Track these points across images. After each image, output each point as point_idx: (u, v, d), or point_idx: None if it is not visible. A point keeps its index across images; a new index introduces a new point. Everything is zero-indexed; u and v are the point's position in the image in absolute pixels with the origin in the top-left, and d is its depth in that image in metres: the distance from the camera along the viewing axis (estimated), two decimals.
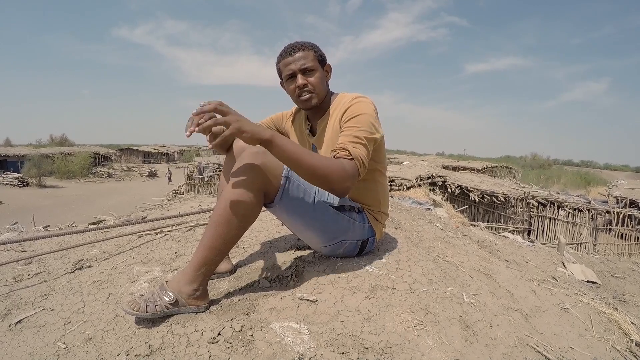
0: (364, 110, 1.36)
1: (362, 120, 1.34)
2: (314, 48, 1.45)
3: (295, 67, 1.41)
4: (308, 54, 1.42)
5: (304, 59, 1.41)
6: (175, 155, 48.29)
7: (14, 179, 23.43)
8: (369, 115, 1.36)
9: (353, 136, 1.30)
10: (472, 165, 20.13)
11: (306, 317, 1.19)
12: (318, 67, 1.44)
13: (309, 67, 1.41)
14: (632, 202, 10.05)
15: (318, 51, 1.46)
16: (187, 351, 1.05)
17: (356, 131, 1.31)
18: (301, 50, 1.42)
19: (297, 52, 1.42)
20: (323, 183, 1.21)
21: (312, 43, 1.46)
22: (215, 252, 1.23)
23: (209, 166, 14.69)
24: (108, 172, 30.82)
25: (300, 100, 1.46)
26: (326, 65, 1.51)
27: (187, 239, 2.00)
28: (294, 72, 1.42)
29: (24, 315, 1.33)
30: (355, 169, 1.25)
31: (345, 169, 1.21)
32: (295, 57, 1.41)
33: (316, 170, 1.17)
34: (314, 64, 1.43)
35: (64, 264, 1.78)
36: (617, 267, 3.66)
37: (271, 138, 1.11)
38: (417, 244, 1.87)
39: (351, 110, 1.37)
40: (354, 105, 1.37)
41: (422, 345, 1.08)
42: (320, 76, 1.44)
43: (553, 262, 2.72)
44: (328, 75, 1.52)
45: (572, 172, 33.59)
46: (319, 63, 1.45)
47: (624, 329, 1.52)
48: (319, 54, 1.46)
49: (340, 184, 1.21)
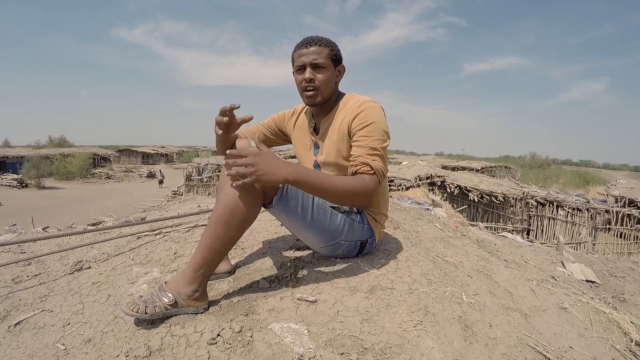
0: (376, 117, 1.37)
1: (375, 128, 1.36)
2: (330, 46, 1.44)
3: (306, 60, 1.41)
4: (322, 50, 1.41)
5: (317, 54, 1.41)
6: (174, 156, 48.25)
7: (12, 180, 23.38)
8: (381, 123, 1.38)
9: (370, 148, 1.34)
10: (471, 165, 20.15)
11: (305, 317, 1.19)
12: (329, 66, 1.43)
13: (319, 64, 1.41)
14: (631, 201, 10.06)
15: (334, 50, 1.45)
16: (186, 352, 1.05)
17: (371, 141, 1.34)
18: (317, 45, 1.41)
19: (312, 46, 1.41)
20: (349, 203, 1.34)
21: (331, 41, 1.45)
22: (215, 253, 1.23)
23: (208, 167, 14.68)
24: (107, 173, 30.78)
25: (304, 94, 1.45)
26: (339, 66, 1.49)
27: (186, 240, 2.00)
28: (304, 65, 1.42)
29: (23, 316, 1.33)
30: (377, 182, 1.33)
31: (367, 186, 1.30)
32: (309, 50, 1.41)
33: (342, 194, 1.25)
34: (326, 61, 1.42)
35: (63, 265, 1.78)
36: (616, 266, 3.67)
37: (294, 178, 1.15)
38: (416, 244, 1.87)
39: (362, 117, 1.37)
40: (365, 112, 1.38)
41: (422, 346, 1.08)
42: (330, 75, 1.44)
43: (552, 261, 2.72)
44: (339, 76, 1.51)
45: (571, 172, 33.63)
46: (331, 62, 1.44)
47: (623, 329, 1.52)
48: (333, 53, 1.44)
49: (364, 200, 1.32)
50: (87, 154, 31.62)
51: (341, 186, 1.24)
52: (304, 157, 1.61)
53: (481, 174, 16.63)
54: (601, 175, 32.54)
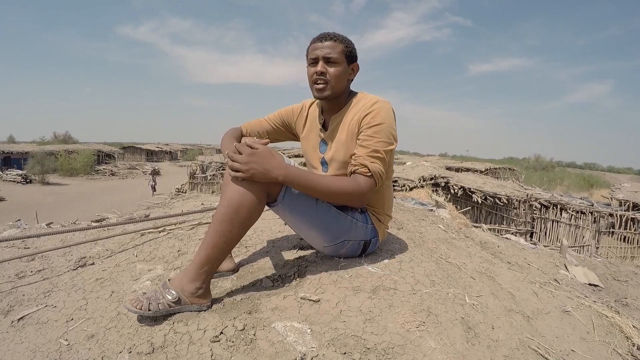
0: (385, 119, 1.38)
1: (382, 130, 1.37)
2: (345, 42, 1.44)
3: (319, 54, 1.42)
4: (337, 46, 1.42)
5: (331, 49, 1.41)
6: (179, 154, 48.35)
7: (17, 176, 23.51)
8: (389, 125, 1.38)
9: (372, 150, 1.35)
10: (475, 167, 20.09)
11: (308, 316, 1.19)
12: (342, 62, 1.43)
13: (332, 58, 1.41)
14: (635, 205, 10.00)
15: (349, 47, 1.45)
16: (189, 349, 1.05)
17: (375, 142, 1.36)
18: (332, 40, 1.42)
19: (327, 41, 1.42)
20: (341, 202, 1.37)
21: (347, 38, 1.46)
22: (218, 251, 1.23)
23: (212, 165, 14.70)
24: (111, 170, 30.88)
25: (314, 87, 1.45)
26: (353, 64, 1.49)
27: (190, 238, 2.01)
28: (317, 58, 1.43)
29: (26, 311, 1.33)
30: (372, 184, 1.36)
31: (360, 187, 1.33)
32: (324, 44, 1.42)
33: (332, 194, 1.30)
34: (339, 57, 1.42)
35: (66, 261, 1.79)
36: (619, 270, 3.65)
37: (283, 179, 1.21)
38: (420, 245, 1.86)
39: (372, 116, 1.38)
40: (375, 112, 1.38)
41: (424, 347, 1.07)
42: (342, 70, 1.43)
43: (555, 264, 2.71)
44: (352, 74, 1.51)
45: (575, 174, 33.45)
46: (345, 58, 1.44)
47: (625, 333, 1.52)
48: (348, 50, 1.45)
49: (357, 200, 1.36)
50: (91, 150, 31.72)
51: (332, 186, 1.30)
52: (312, 154, 1.61)
53: (485, 175, 16.58)
54: (605, 178, 32.35)
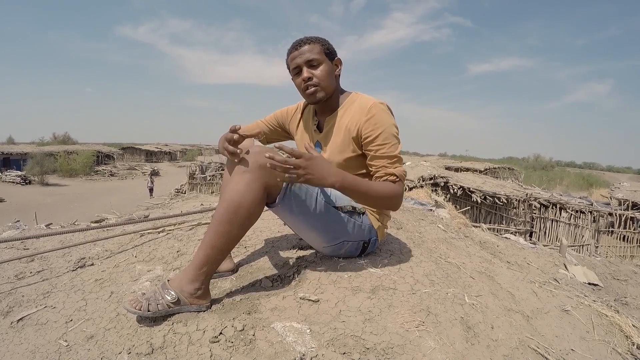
0: (387, 122, 1.39)
1: (389, 135, 1.39)
2: (321, 41, 1.43)
3: (300, 61, 1.40)
4: (314, 47, 1.41)
5: (310, 52, 1.40)
6: (178, 154, 48.34)
7: (16, 177, 23.51)
8: (392, 127, 1.40)
9: (389, 157, 1.39)
10: (474, 166, 20.12)
11: (308, 317, 1.19)
12: (325, 60, 1.42)
13: (314, 60, 1.40)
14: (635, 204, 10.02)
15: (325, 44, 1.44)
16: (188, 350, 1.05)
17: (389, 148, 1.39)
18: (307, 44, 1.41)
19: (303, 46, 1.41)
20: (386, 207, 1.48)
21: (320, 37, 1.45)
22: (218, 251, 1.23)
23: (211, 165, 14.71)
24: (110, 170, 30.89)
25: (306, 94, 1.44)
26: (335, 59, 1.48)
27: (189, 238, 2.01)
28: (300, 66, 1.41)
29: (25, 312, 1.33)
30: (404, 186, 1.44)
31: (399, 192, 1.39)
32: (301, 50, 1.41)
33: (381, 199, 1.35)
34: (320, 56, 1.41)
35: (66, 262, 1.79)
36: (619, 269, 3.66)
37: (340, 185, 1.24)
38: (419, 245, 1.86)
39: (374, 123, 1.37)
40: (376, 117, 1.37)
41: (424, 346, 1.07)
42: (327, 69, 1.42)
43: (555, 264, 2.71)
44: (337, 69, 1.50)
45: (574, 174, 33.48)
46: (326, 56, 1.43)
47: (625, 332, 1.52)
48: (325, 47, 1.43)
49: (399, 204, 1.41)
50: (90, 151, 31.72)
51: (381, 192, 1.34)
52: None
53: (484, 175, 16.59)
54: (605, 178, 32.40)
